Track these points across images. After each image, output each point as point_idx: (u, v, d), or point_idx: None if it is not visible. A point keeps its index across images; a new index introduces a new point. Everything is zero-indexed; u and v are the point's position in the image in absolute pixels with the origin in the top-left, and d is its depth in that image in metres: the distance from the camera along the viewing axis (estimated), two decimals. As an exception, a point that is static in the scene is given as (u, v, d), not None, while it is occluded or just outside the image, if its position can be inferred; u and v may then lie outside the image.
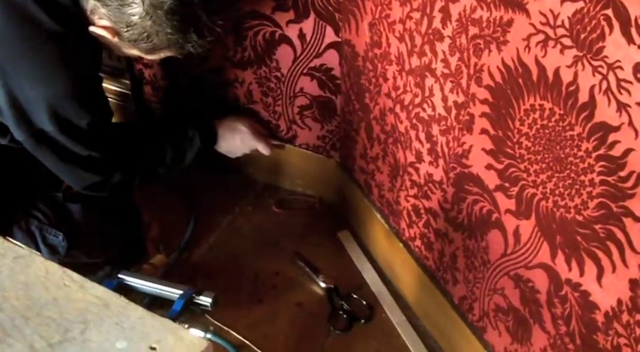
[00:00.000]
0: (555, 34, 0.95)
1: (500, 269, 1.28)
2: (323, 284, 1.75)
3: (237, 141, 1.84)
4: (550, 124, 1.02)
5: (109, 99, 2.19)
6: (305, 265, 1.80)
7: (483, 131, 1.20)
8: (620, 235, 0.93)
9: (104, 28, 1.37)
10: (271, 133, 1.97)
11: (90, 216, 1.66)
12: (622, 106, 0.87)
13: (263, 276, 1.79)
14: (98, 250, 1.69)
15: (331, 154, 1.96)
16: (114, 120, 1.69)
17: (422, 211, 1.54)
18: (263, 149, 1.86)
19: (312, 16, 1.71)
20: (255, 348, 1.59)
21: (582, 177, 0.98)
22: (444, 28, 1.23)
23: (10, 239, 0.81)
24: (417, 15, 1.31)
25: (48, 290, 0.74)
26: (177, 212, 1.96)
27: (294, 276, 1.79)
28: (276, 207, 2.03)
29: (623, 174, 0.90)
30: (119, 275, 1.59)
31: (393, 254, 1.73)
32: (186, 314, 1.51)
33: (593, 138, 0.94)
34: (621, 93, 0.87)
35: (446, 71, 1.27)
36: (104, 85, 2.20)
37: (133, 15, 1.32)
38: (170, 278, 1.69)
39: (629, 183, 0.89)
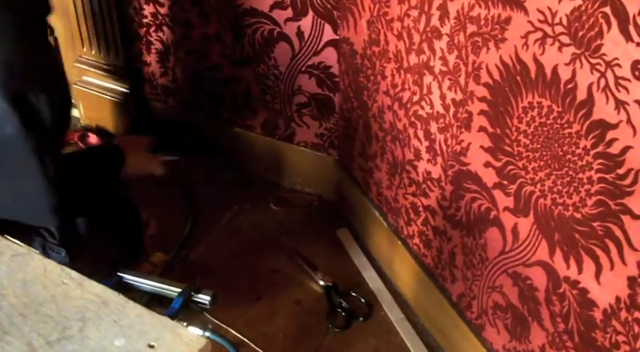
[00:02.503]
0: (553, 32, 0.95)
1: (499, 266, 1.28)
2: (322, 282, 1.75)
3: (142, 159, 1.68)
4: (548, 122, 1.02)
5: (108, 97, 2.20)
6: (304, 263, 1.80)
7: (482, 129, 1.20)
8: (618, 233, 0.93)
9: None
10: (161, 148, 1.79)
11: (93, 227, 1.64)
12: (620, 104, 0.87)
13: (262, 274, 1.79)
14: (100, 258, 1.68)
15: (330, 152, 1.96)
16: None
17: (420, 209, 1.54)
18: (157, 171, 1.71)
19: (311, 13, 1.71)
20: (254, 346, 1.59)
21: (580, 175, 0.98)
22: (442, 26, 1.23)
23: (9, 237, 0.81)
24: (415, 13, 1.31)
25: (46, 287, 0.74)
26: (176, 210, 1.96)
27: (293, 274, 1.79)
28: (275, 205, 2.03)
29: (621, 171, 0.90)
30: (118, 273, 1.58)
31: (392, 252, 1.73)
32: (184, 312, 1.51)
33: (591, 136, 0.94)
34: (619, 91, 0.87)
35: (444, 69, 1.27)
36: (104, 83, 2.21)
37: None
38: (169, 276, 1.69)
39: (628, 181, 0.89)
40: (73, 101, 1.43)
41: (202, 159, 2.13)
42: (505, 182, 1.18)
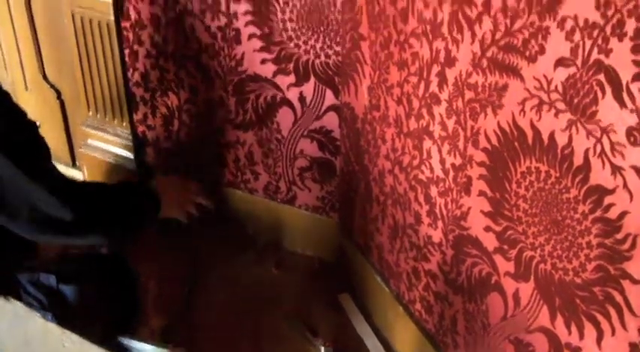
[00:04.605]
0: (549, 99, 0.97)
1: (501, 332, 1.26)
2: (322, 348, 1.73)
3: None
4: (546, 187, 1.03)
5: (112, 161, 2.22)
6: (305, 328, 1.78)
7: (481, 193, 1.21)
8: (618, 298, 0.93)
9: None
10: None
11: (85, 296, 1.62)
12: (616, 169, 0.88)
13: (262, 339, 1.77)
14: (92, 323, 1.66)
15: (331, 215, 1.96)
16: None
17: (421, 274, 1.53)
18: (182, 217, 1.84)
19: (313, 79, 1.75)
20: (253, 413, 1.56)
21: (580, 240, 0.98)
22: (440, 92, 1.25)
23: (11, 298, 0.81)
24: (414, 79, 1.34)
25: (47, 349, 0.74)
26: (177, 271, 1.96)
27: (293, 339, 1.77)
28: (276, 268, 2.02)
29: (619, 236, 0.90)
30: (119, 339, 1.57)
31: (393, 317, 1.71)
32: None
33: (589, 201, 0.94)
34: (615, 157, 0.88)
35: (443, 134, 1.28)
36: (109, 146, 2.23)
37: None
38: (169, 338, 1.68)
39: (626, 246, 0.89)
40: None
41: (204, 222, 2.14)
42: (505, 246, 1.18)
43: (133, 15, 1.93)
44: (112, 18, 1.94)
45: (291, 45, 1.72)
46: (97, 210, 1.54)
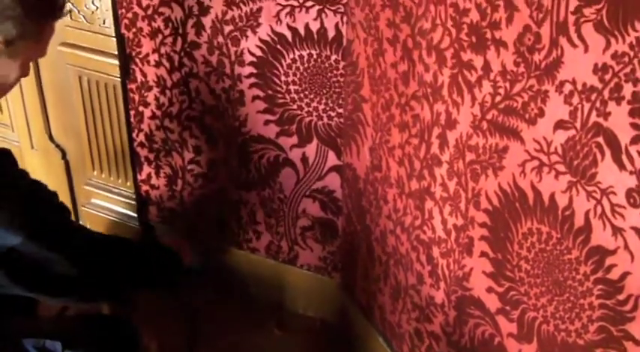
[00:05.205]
0: (549, 161, 0.98)
1: (505, 395, 1.25)
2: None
3: None
4: (548, 248, 1.03)
5: (116, 219, 2.23)
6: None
7: (483, 254, 1.21)
8: (622, 360, 0.93)
9: None
10: None
11: None
12: (617, 230, 0.89)
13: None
14: None
15: (333, 275, 1.96)
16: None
17: (424, 335, 1.52)
18: None
19: (315, 140, 1.77)
20: None
21: (582, 301, 0.98)
22: (441, 154, 1.27)
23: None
24: (415, 141, 1.36)
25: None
26: (179, 332, 1.94)
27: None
28: (277, 329, 2.00)
29: (621, 297, 0.90)
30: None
31: (396, 379, 1.69)
32: None
33: (590, 262, 0.95)
34: (616, 218, 0.88)
35: (445, 195, 1.29)
36: (112, 205, 2.24)
37: None
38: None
39: (628, 307, 0.89)
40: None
41: (205, 280, 2.13)
42: (508, 307, 1.17)
43: (139, 77, 1.96)
44: (119, 80, 1.98)
45: (294, 107, 1.75)
46: (105, 268, 1.53)
